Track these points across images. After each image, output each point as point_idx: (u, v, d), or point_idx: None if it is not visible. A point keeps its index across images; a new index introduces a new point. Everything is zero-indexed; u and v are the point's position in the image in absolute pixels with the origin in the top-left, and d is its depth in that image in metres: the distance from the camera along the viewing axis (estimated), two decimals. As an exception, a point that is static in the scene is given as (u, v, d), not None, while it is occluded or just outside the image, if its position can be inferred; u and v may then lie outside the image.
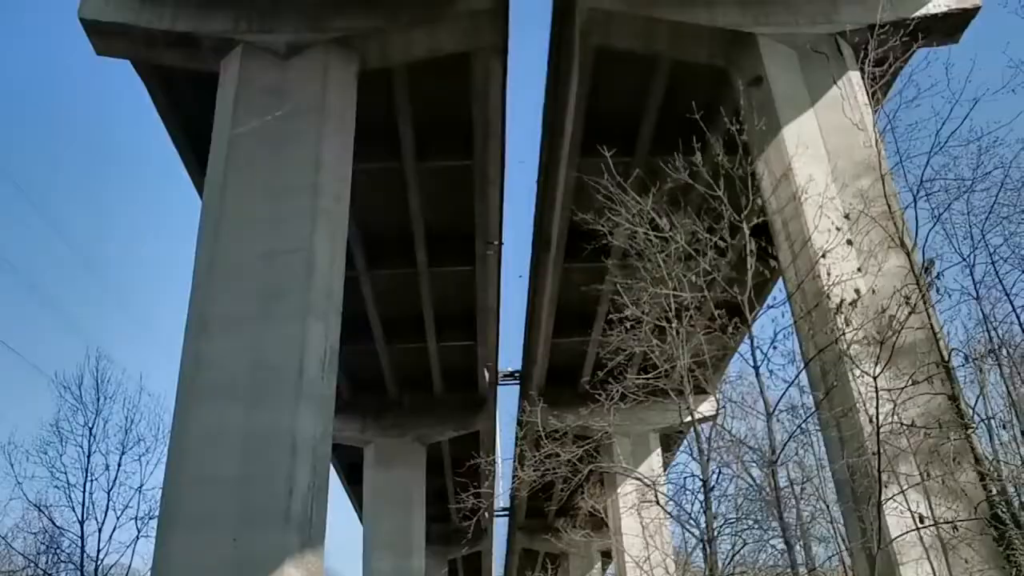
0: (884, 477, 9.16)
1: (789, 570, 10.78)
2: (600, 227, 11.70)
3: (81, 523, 21.65)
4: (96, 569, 21.63)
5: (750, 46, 14.56)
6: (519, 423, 29.25)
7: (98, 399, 22.76)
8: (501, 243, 22.15)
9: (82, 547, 21.56)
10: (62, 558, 23.33)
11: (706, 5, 14.91)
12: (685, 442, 28.60)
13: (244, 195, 13.27)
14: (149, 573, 13.11)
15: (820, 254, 11.55)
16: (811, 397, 12.12)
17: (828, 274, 11.46)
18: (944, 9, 14.96)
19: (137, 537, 21.93)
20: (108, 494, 22.07)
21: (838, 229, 11.91)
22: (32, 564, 24.80)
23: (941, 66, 11.43)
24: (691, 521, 11.50)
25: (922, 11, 14.84)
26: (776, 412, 10.44)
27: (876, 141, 12.62)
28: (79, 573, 21.67)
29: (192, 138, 17.59)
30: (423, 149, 18.39)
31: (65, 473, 21.96)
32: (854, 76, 14.00)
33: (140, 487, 22.27)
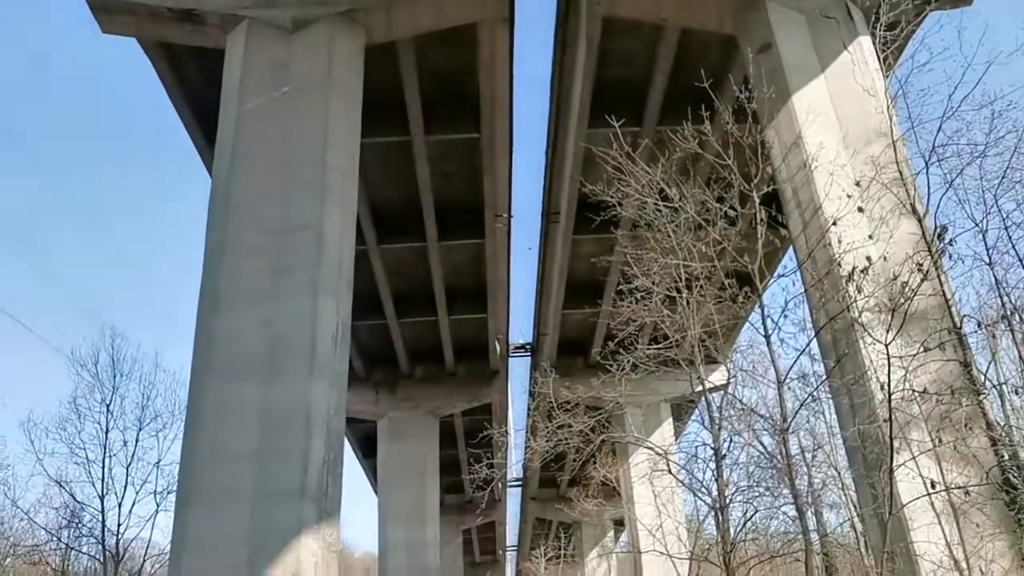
0: (895, 443, 9.19)
1: (800, 537, 10.86)
2: (609, 198, 11.68)
3: (101, 498, 22.07)
4: (117, 543, 22.06)
5: (759, 12, 14.34)
6: (531, 394, 29.43)
7: (114, 376, 23.16)
8: (510, 216, 22.15)
9: (103, 521, 21.99)
10: (84, 532, 23.78)
11: (715, -29, 14.71)
12: (696, 411, 28.82)
13: (253, 172, 13.26)
14: (169, 546, 13.33)
15: (831, 222, 11.52)
16: (822, 365, 12.14)
17: (839, 242, 11.44)
18: (957, -30, 14.72)
19: (156, 511, 22.38)
20: (127, 469, 22.51)
21: (849, 196, 11.86)
22: (55, 538, 25.27)
23: (954, 29, 11.30)
24: (703, 489, 11.59)
25: (934, -27, 14.58)
26: (787, 380, 10.45)
27: (887, 107, 12.49)
28: (100, 547, 22.09)
29: (199, 115, 17.57)
30: (431, 122, 18.30)
31: (84, 449, 22.40)
32: (865, 41, 13.81)
33: (158, 462, 22.70)
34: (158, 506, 22.26)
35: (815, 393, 12.78)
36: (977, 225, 11.95)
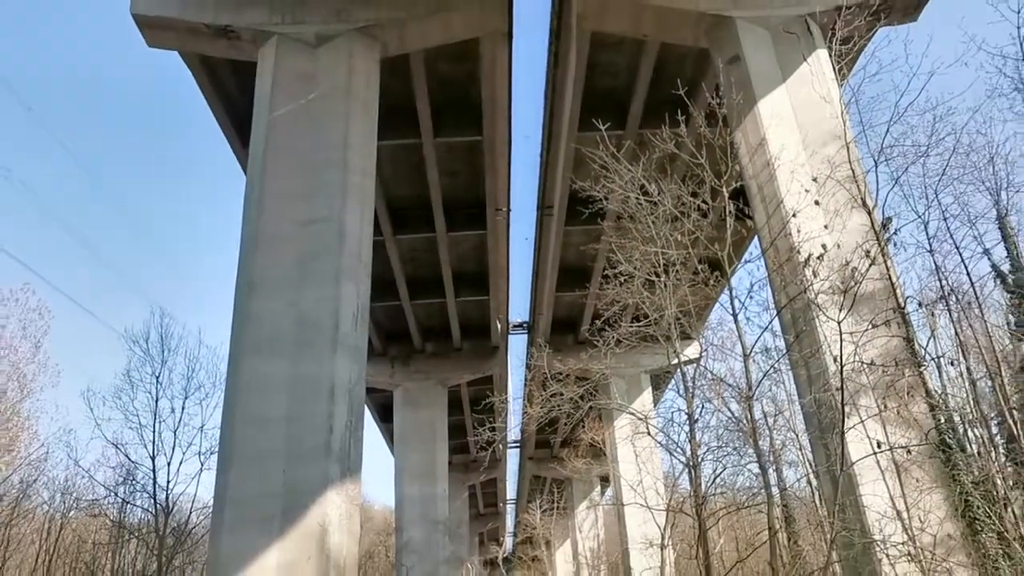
0: (846, 409, 9.25)
1: (763, 491, 10.95)
2: (596, 193, 11.66)
3: (152, 458, 22.18)
4: (167, 497, 22.20)
5: (729, 28, 14.28)
6: (527, 367, 29.37)
7: (163, 351, 23.22)
8: (509, 209, 22.12)
9: (154, 479, 22.11)
10: (137, 488, 23.94)
11: (690, -9, 14.62)
12: (672, 381, 28.94)
13: (282, 171, 13.25)
14: (212, 500, 13.41)
15: (791, 214, 11.52)
16: (783, 340, 12.19)
17: (798, 231, 11.45)
18: (905, -11, 14.63)
19: (201, 470, 22.50)
20: (174, 433, 22.60)
21: (807, 191, 11.87)
22: (112, 493, 25.48)
23: (901, 43, 11.32)
24: (678, 449, 11.64)
25: (885, -7, 14.50)
26: (752, 354, 10.50)
27: (842, 112, 12.49)
28: (152, 501, 22.23)
29: (235, 121, 17.53)
30: (439, 127, 18.25)
31: (137, 415, 22.48)
32: (822, 54, 13.76)
33: (202, 427, 22.80)
34: (202, 465, 22.36)
35: (776, 365, 12.88)
36: (920, 217, 12.01)
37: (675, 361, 11.31)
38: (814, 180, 12.11)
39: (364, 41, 14.39)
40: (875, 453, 9.86)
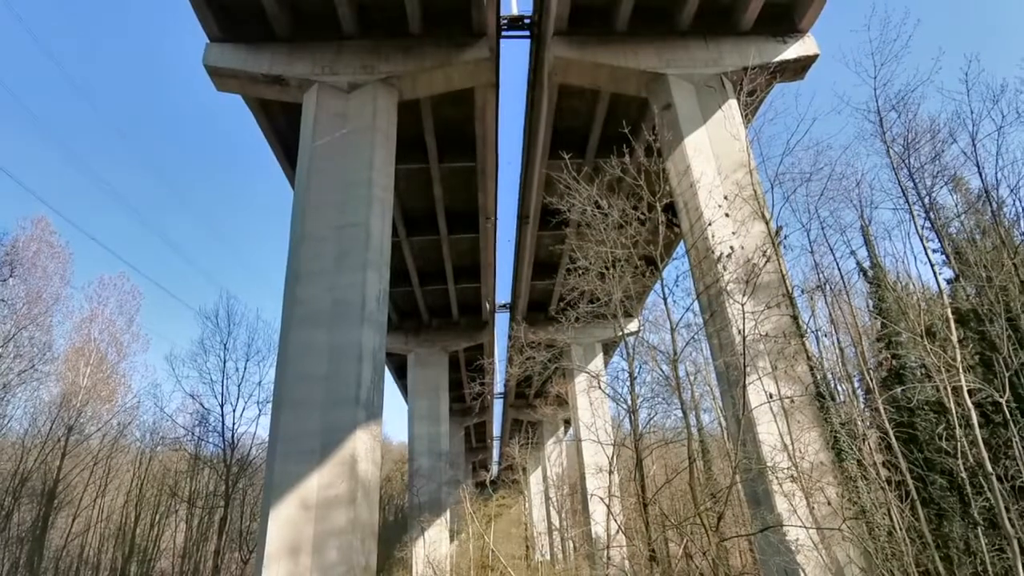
0: (747, 369, 9.36)
1: (685, 430, 11.06)
2: (561, 207, 11.66)
3: (221, 406, 22.03)
4: (232, 436, 22.06)
5: (663, 82, 14.30)
6: (509, 337, 29.52)
7: (229, 324, 23.12)
8: (496, 218, 22.07)
9: (223, 422, 21.96)
10: (209, 429, 23.76)
11: (633, 54, 14.59)
12: (618, 348, 29.11)
13: (322, 187, 13.09)
14: (267, 438, 13.31)
15: (708, 223, 11.59)
16: (701, 318, 12.29)
17: (713, 236, 11.52)
18: (794, 56, 14.72)
19: (259, 414, 22.55)
20: (238, 387, 22.49)
21: (720, 206, 11.94)
22: (190, 433, 25.25)
23: (792, 96, 11.43)
24: (622, 399, 11.74)
25: (780, 57, 14.60)
26: (677, 327, 10.58)
27: (747, 147, 12.56)
28: (221, 438, 22.06)
29: (284, 148, 17.26)
30: (442, 155, 18.12)
31: (209, 373, 22.39)
32: (733, 103, 13.83)
33: (260, 382, 22.75)
34: (260, 411, 22.34)
35: (696, 336, 12.95)
36: (804, 226, 12.11)
37: (620, 333, 11.37)
38: (725, 198, 12.20)
39: (385, 88, 14.21)
40: (768, 402, 10.01)
